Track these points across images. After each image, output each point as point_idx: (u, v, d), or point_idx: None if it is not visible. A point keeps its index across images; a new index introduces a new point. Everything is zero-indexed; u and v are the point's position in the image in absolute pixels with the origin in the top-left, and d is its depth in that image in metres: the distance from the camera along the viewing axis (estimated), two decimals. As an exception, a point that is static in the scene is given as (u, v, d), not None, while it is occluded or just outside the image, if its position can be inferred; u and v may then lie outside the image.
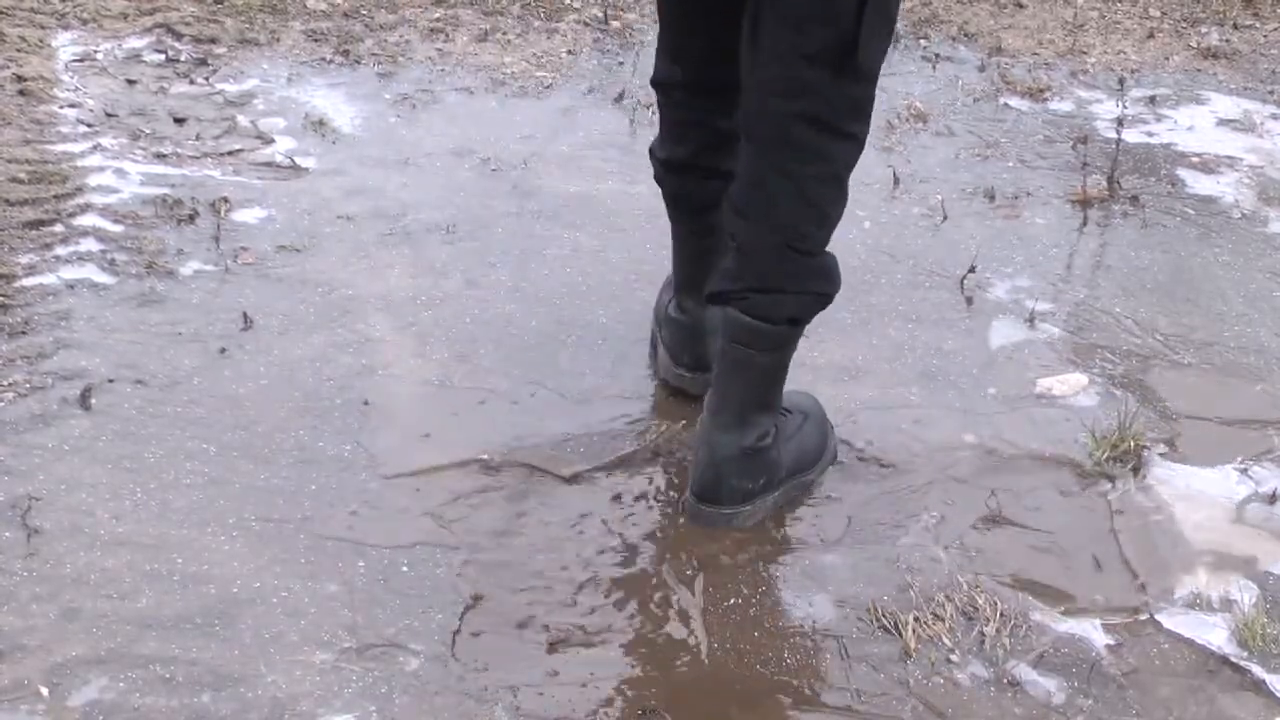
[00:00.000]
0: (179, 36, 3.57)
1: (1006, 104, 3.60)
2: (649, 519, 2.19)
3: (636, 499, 2.23)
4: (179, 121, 3.19)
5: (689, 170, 2.31)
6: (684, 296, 2.42)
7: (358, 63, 3.54)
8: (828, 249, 2.13)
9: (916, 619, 2.01)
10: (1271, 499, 2.29)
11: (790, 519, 2.22)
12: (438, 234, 2.87)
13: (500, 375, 2.47)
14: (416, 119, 3.31)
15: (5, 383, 2.33)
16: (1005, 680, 1.93)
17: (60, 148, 3.01)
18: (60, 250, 2.68)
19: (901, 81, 3.68)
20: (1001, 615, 2.03)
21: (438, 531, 2.13)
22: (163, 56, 3.47)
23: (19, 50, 3.38)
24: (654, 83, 2.32)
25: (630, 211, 3.01)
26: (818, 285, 2.12)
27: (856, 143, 2.08)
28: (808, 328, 2.19)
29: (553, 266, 2.80)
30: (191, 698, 1.82)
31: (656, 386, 2.47)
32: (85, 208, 2.81)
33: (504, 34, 3.77)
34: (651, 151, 2.37)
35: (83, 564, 2.01)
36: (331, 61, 3.53)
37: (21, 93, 3.20)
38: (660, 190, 2.38)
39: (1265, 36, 4.12)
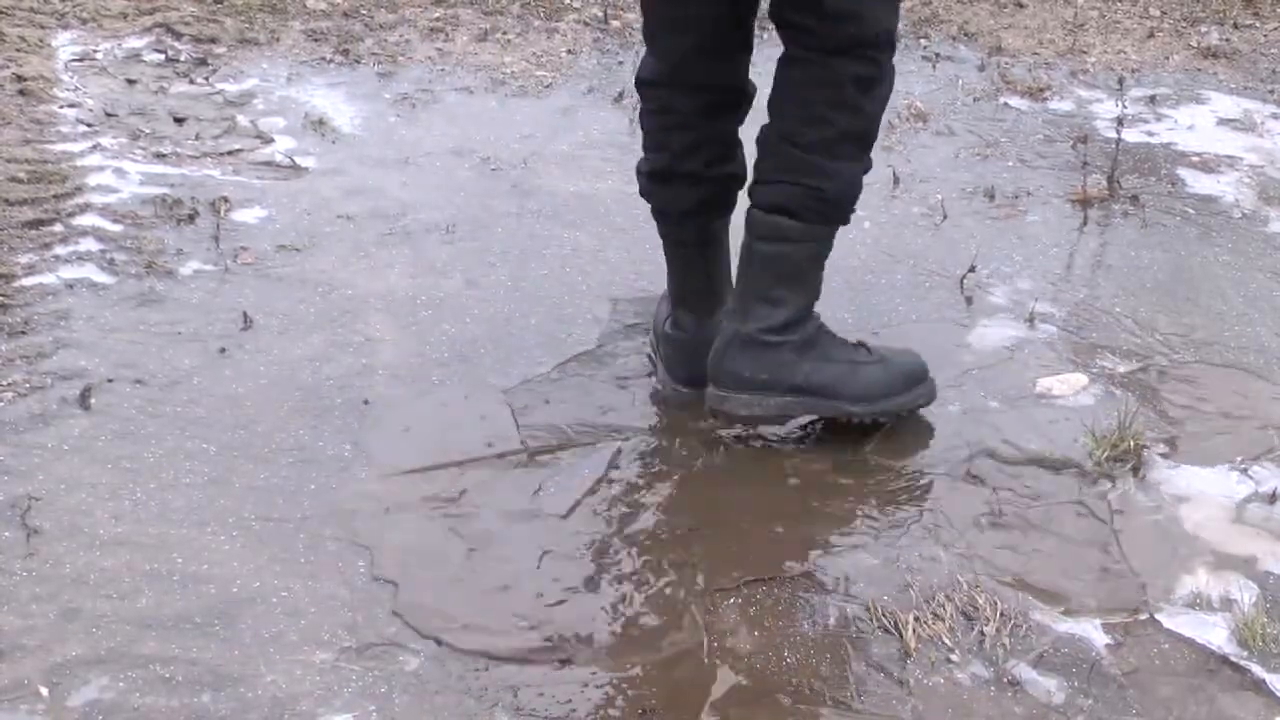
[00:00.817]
0: (179, 36, 3.57)
1: (1006, 104, 3.60)
2: (649, 519, 2.19)
3: (636, 498, 2.23)
4: (179, 121, 3.19)
5: (671, 178, 2.34)
6: (680, 312, 2.43)
7: (358, 62, 3.54)
8: (847, 162, 2.23)
9: (916, 619, 2.01)
10: (1271, 499, 2.29)
11: (789, 518, 2.22)
12: (438, 234, 2.87)
13: (500, 375, 2.47)
14: (416, 119, 3.31)
15: (5, 383, 2.33)
16: (1005, 680, 1.93)
17: (60, 147, 3.01)
18: (60, 250, 2.68)
19: (901, 81, 3.65)
20: (1001, 615, 2.02)
21: (438, 531, 2.13)
22: (162, 56, 3.47)
23: (19, 50, 3.38)
24: (638, 82, 2.34)
25: (630, 211, 3.01)
26: (811, 179, 2.21)
27: (865, 62, 2.18)
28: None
29: (552, 266, 2.80)
30: (191, 698, 1.82)
31: (656, 387, 2.47)
32: (85, 207, 2.81)
33: (504, 34, 3.77)
34: (638, 169, 2.40)
35: (82, 564, 2.01)
36: (331, 61, 3.53)
37: (21, 93, 3.20)
38: (650, 207, 2.41)
39: (1265, 36, 4.12)
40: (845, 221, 2.30)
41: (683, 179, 2.33)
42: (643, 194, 2.41)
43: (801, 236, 2.25)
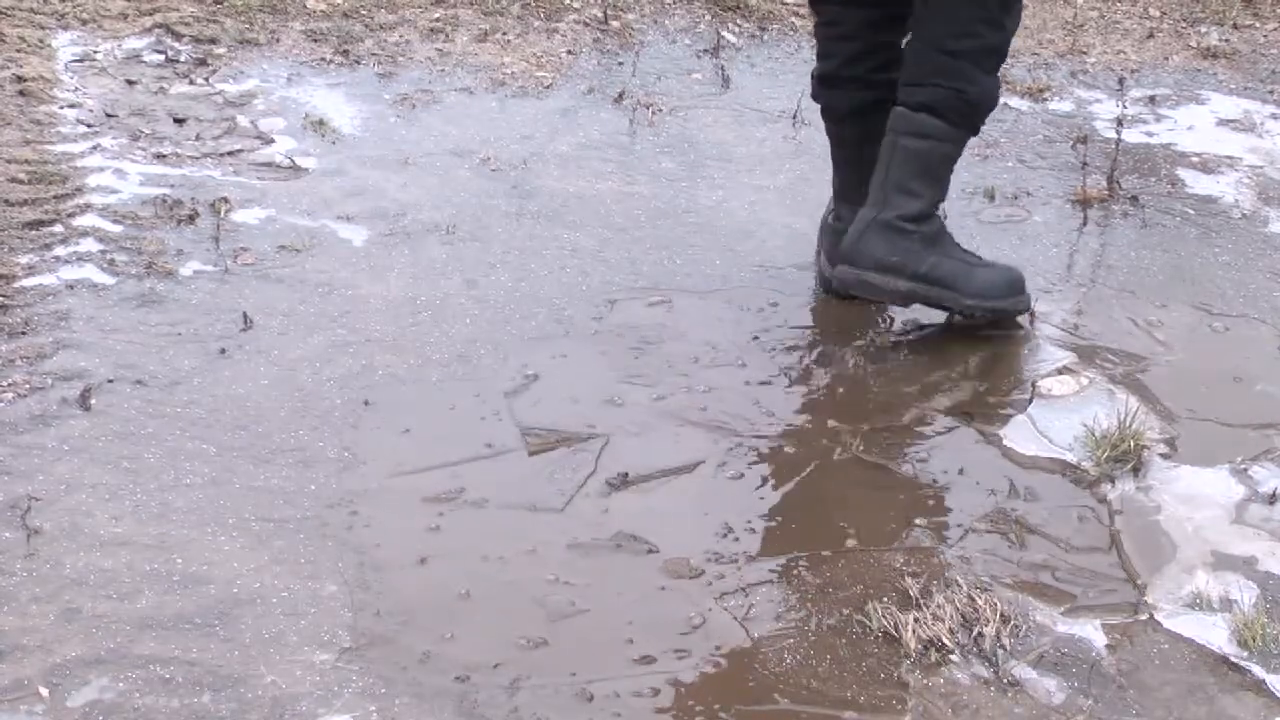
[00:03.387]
0: (179, 37, 3.57)
1: (1006, 104, 3.60)
2: (649, 517, 2.19)
3: (634, 496, 2.23)
4: (179, 122, 3.19)
5: (837, 82, 2.66)
6: (841, 205, 2.72)
7: (357, 63, 3.54)
8: (986, 74, 2.53)
9: (916, 620, 2.01)
10: (1271, 499, 2.29)
11: (789, 519, 2.22)
12: (437, 234, 2.87)
13: (500, 375, 2.47)
14: (416, 119, 3.31)
15: (5, 383, 2.33)
16: (1005, 680, 1.93)
17: (60, 148, 3.01)
18: (60, 250, 2.68)
19: (901, 81, 3.67)
20: (1001, 616, 2.02)
21: (437, 531, 2.13)
22: (162, 57, 3.47)
23: (19, 50, 3.38)
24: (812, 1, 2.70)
25: (630, 211, 3.01)
26: (952, 81, 2.51)
27: None
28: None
29: (552, 266, 2.80)
30: (191, 698, 1.82)
31: (654, 384, 2.47)
32: (85, 208, 2.81)
33: (504, 34, 3.77)
34: (811, 75, 2.73)
35: (82, 564, 2.01)
36: (331, 61, 3.53)
37: (21, 93, 3.20)
38: (818, 108, 2.74)
39: (1265, 36, 4.12)
40: (977, 130, 2.59)
41: (848, 83, 2.65)
42: (813, 96, 2.74)
43: (943, 136, 2.53)
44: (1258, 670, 1.97)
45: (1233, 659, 1.99)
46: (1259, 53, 4.02)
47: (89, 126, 3.12)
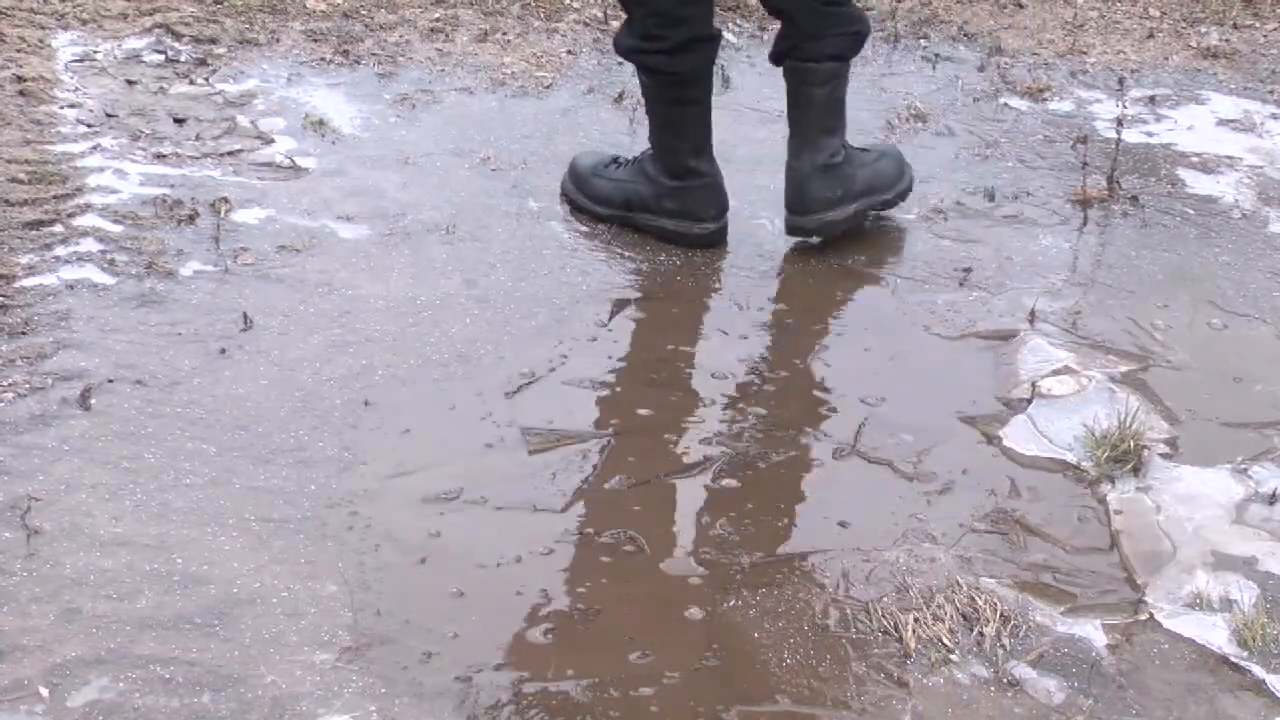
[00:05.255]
0: (179, 37, 3.57)
1: (1006, 104, 3.60)
2: (648, 516, 2.19)
3: (634, 496, 2.23)
4: (179, 122, 3.19)
5: (693, 44, 2.76)
6: (700, 161, 2.88)
7: (357, 63, 3.54)
8: (857, 4, 2.83)
9: (916, 619, 2.01)
10: (1271, 499, 2.29)
11: (790, 519, 2.22)
12: (438, 234, 2.87)
13: (500, 375, 2.47)
14: (416, 119, 3.31)
15: (5, 383, 2.33)
16: (1005, 680, 1.93)
17: (60, 148, 3.01)
18: (60, 250, 2.68)
19: (901, 81, 3.68)
20: (1001, 615, 2.02)
21: (437, 531, 2.13)
22: (162, 57, 3.47)
23: (19, 50, 3.38)
24: None
25: (630, 211, 3.01)
26: (851, 27, 2.80)
27: None
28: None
29: (552, 266, 2.80)
30: (191, 698, 1.82)
31: (654, 384, 2.48)
32: (85, 208, 2.81)
33: (504, 34, 3.77)
34: (639, 50, 2.79)
35: (82, 564, 2.01)
36: (331, 61, 3.53)
37: (21, 93, 3.20)
38: (658, 83, 2.82)
39: (1265, 36, 4.12)
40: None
41: (703, 42, 2.79)
42: (654, 69, 2.80)
43: (844, 72, 2.83)
44: (1258, 670, 1.97)
45: (1233, 659, 1.99)
46: (1259, 53, 4.02)
47: (89, 126, 3.12)
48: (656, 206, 2.90)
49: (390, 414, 2.36)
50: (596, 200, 2.96)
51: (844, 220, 2.88)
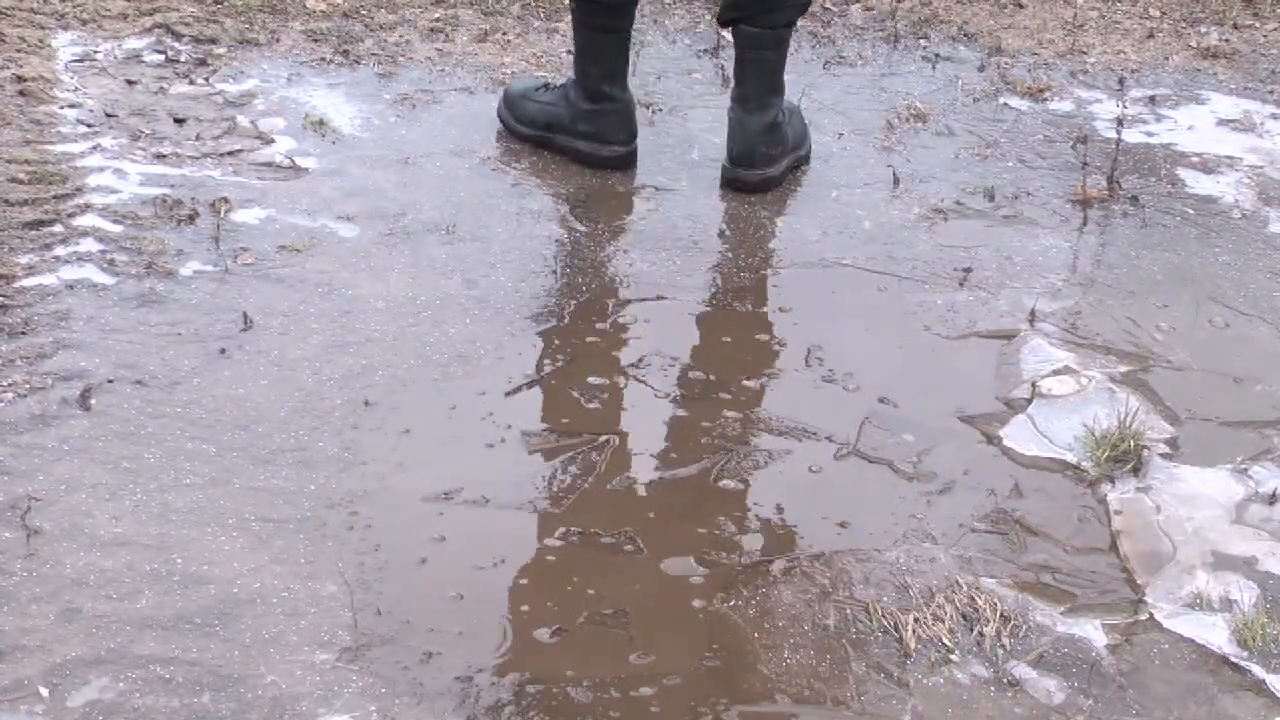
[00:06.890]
0: (179, 37, 3.57)
1: (1006, 104, 3.60)
2: (647, 516, 2.19)
3: (634, 495, 2.23)
4: (179, 121, 3.19)
5: None
6: (613, 87, 3.07)
7: (357, 63, 3.54)
8: None
9: (916, 619, 2.01)
10: (1271, 499, 2.29)
11: (790, 519, 2.22)
12: (438, 234, 2.87)
13: (500, 375, 2.47)
14: (416, 119, 3.31)
15: (5, 383, 2.33)
16: (1005, 680, 1.94)
17: (60, 148, 3.01)
18: (60, 250, 2.68)
19: (901, 81, 3.68)
20: (1001, 615, 2.03)
21: (438, 531, 2.13)
22: (162, 57, 3.47)
23: (19, 50, 3.38)
24: None
25: (630, 211, 3.01)
26: None
27: None
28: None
29: (552, 266, 2.80)
30: (191, 698, 1.82)
31: (655, 384, 2.47)
32: (85, 208, 2.81)
33: (504, 34, 3.77)
34: None
35: (82, 564, 2.01)
36: (331, 61, 3.53)
37: (21, 93, 3.20)
38: (594, 11, 3.00)
39: (1265, 36, 4.12)
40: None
41: None
42: (596, 2, 2.98)
43: (789, 38, 3.03)
44: (1258, 670, 1.97)
45: (1233, 659, 1.99)
46: (1259, 53, 4.01)
47: (89, 126, 3.12)
48: (572, 128, 3.11)
49: (390, 414, 2.36)
50: (522, 121, 3.18)
51: (779, 176, 3.08)
